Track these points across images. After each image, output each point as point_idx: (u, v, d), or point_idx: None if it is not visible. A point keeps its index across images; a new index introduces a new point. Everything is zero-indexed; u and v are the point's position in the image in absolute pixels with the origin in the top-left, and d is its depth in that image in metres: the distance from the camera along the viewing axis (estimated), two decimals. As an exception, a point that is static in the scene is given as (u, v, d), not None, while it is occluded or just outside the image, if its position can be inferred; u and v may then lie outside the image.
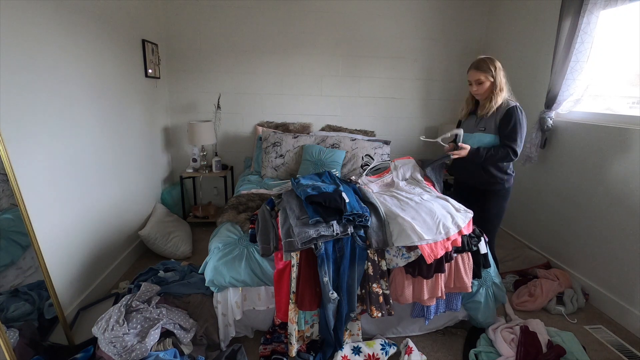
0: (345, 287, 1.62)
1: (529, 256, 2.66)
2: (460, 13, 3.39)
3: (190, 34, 3.19)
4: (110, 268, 2.32)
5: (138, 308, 1.62)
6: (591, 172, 2.29)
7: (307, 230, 1.56)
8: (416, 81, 3.54)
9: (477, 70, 1.93)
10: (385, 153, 3.12)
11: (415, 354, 1.73)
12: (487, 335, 1.85)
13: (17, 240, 1.48)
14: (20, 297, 1.49)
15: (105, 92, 2.25)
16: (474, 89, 1.97)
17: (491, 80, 1.91)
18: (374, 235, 1.64)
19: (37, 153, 1.65)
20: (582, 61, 2.25)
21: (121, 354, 1.45)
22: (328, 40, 3.33)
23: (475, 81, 1.94)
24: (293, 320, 1.66)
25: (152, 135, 3.00)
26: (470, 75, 1.96)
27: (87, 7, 2.02)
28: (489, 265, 1.86)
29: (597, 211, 2.25)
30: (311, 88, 3.45)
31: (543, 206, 2.72)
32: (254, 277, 1.70)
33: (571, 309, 2.18)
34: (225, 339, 1.79)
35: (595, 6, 2.15)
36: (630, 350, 1.87)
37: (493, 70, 1.90)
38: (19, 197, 1.45)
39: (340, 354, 1.69)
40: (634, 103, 2.21)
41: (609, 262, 2.17)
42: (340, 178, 2.18)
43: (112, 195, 2.33)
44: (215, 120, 3.31)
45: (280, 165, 2.99)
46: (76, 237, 1.96)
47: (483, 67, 1.91)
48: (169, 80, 3.29)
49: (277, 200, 1.96)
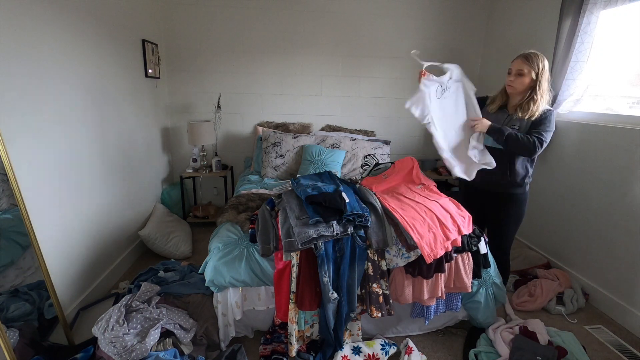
0: (345, 287, 1.62)
1: (529, 256, 2.65)
2: (460, 13, 3.39)
3: (190, 34, 3.19)
4: (110, 268, 2.32)
5: (138, 308, 1.62)
6: (591, 172, 2.29)
7: (307, 230, 1.56)
8: (416, 81, 3.52)
9: (524, 60, 1.78)
10: (385, 153, 3.12)
11: (415, 354, 1.73)
12: (487, 335, 1.86)
13: (17, 240, 1.48)
14: (20, 297, 1.49)
15: (106, 92, 2.25)
16: (511, 79, 1.82)
17: (532, 77, 1.77)
18: (374, 235, 1.64)
19: (37, 153, 1.65)
20: (582, 61, 2.24)
21: (121, 354, 1.45)
22: (328, 40, 3.33)
23: (517, 71, 1.79)
24: (293, 320, 1.66)
25: (152, 135, 3.00)
26: (515, 63, 1.81)
27: (87, 7, 2.03)
28: (489, 265, 1.86)
29: (597, 211, 2.25)
30: (311, 88, 3.45)
31: (543, 206, 2.72)
32: (254, 277, 1.70)
33: (571, 309, 2.18)
34: (225, 339, 1.79)
35: (595, 6, 2.15)
36: (630, 350, 1.87)
37: (539, 68, 1.76)
38: (19, 197, 1.45)
39: (340, 354, 1.69)
40: (634, 103, 2.21)
41: (609, 262, 2.17)
42: (340, 178, 2.18)
43: (112, 195, 2.33)
44: (215, 120, 3.31)
45: (280, 165, 2.99)
46: (76, 237, 1.96)
47: (532, 59, 1.77)
48: (169, 80, 3.29)
49: (277, 200, 1.96)
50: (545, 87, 1.78)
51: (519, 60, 1.80)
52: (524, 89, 1.81)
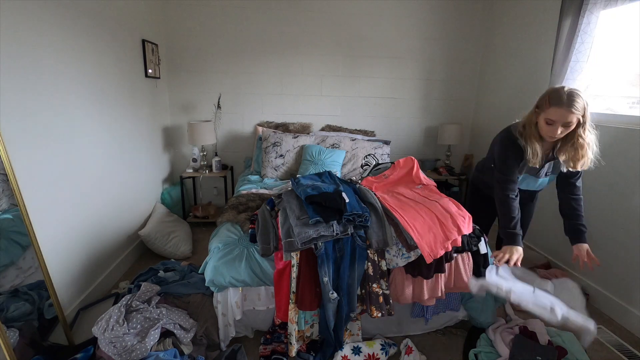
0: (345, 287, 1.62)
1: (529, 256, 2.65)
2: (460, 13, 3.39)
3: (190, 34, 3.19)
4: (110, 268, 2.32)
5: (138, 308, 1.62)
6: (591, 172, 2.28)
7: (307, 230, 1.56)
8: (416, 81, 3.54)
9: (571, 110, 1.40)
10: (385, 153, 3.12)
11: (415, 354, 1.73)
12: (487, 335, 1.85)
13: (17, 240, 1.48)
14: (20, 297, 1.49)
15: (106, 92, 2.25)
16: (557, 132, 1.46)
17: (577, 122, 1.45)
18: (374, 235, 1.64)
19: (37, 153, 1.65)
20: (582, 61, 2.24)
21: (121, 354, 1.45)
22: (328, 40, 3.33)
23: (564, 123, 1.43)
24: (293, 320, 1.66)
25: (152, 135, 3.00)
26: (560, 114, 1.42)
27: (87, 7, 2.02)
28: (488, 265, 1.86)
29: (597, 211, 2.25)
30: (311, 88, 3.45)
31: (543, 206, 2.71)
32: (254, 277, 1.70)
33: (571, 309, 2.17)
34: (225, 339, 1.79)
35: (595, 6, 2.15)
36: (630, 350, 1.87)
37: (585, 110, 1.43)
38: (19, 197, 1.45)
39: (340, 354, 1.69)
40: (634, 103, 2.21)
41: (609, 262, 2.17)
42: (340, 178, 2.18)
43: (112, 195, 2.33)
44: (215, 120, 3.31)
45: (280, 165, 2.99)
46: (76, 236, 1.96)
47: (579, 105, 1.41)
48: (169, 80, 3.29)
49: (277, 200, 1.96)
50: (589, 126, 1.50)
51: (565, 111, 1.41)
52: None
